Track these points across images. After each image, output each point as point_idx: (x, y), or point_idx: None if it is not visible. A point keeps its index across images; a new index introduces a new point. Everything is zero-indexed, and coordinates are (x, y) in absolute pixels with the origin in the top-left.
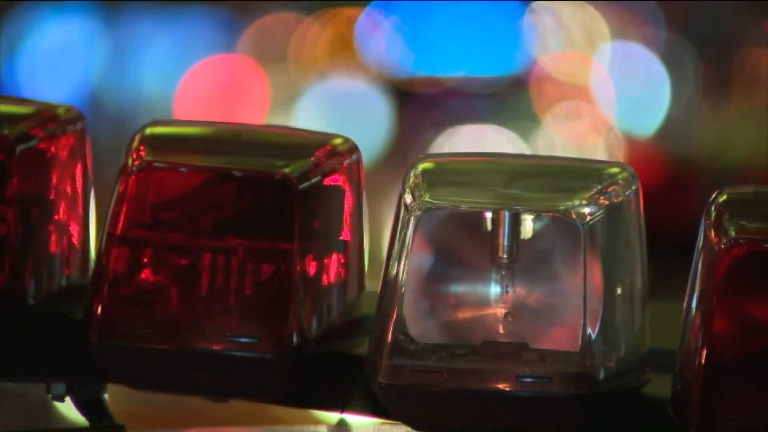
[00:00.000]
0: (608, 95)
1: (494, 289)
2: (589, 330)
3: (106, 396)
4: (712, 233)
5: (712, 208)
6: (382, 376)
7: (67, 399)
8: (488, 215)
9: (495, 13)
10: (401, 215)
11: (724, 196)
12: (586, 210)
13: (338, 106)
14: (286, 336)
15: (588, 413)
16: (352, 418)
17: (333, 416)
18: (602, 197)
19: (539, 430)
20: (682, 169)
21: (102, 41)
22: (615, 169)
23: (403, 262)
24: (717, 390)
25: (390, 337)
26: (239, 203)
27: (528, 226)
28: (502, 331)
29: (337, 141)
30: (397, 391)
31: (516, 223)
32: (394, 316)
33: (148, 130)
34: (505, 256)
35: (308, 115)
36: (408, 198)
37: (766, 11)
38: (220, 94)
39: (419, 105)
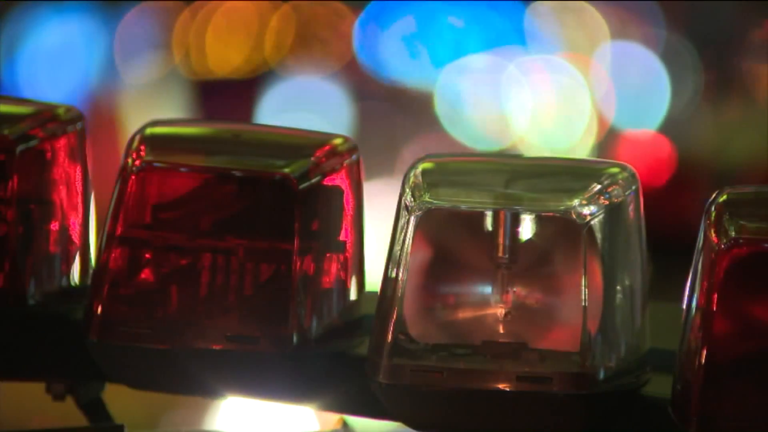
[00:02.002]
0: (608, 95)
1: (494, 289)
2: (589, 330)
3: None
4: (712, 233)
5: (712, 208)
6: (382, 376)
7: (68, 399)
8: (488, 215)
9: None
10: (401, 215)
11: (724, 196)
12: (586, 210)
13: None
14: (286, 336)
15: (588, 413)
16: (353, 419)
17: (333, 416)
18: (602, 197)
19: (539, 430)
20: (682, 169)
21: (102, 41)
22: (615, 169)
23: (403, 262)
24: (717, 390)
25: (390, 337)
26: (239, 203)
27: (528, 226)
28: (502, 331)
29: (337, 141)
30: (397, 391)
31: (516, 223)
32: (394, 316)
33: (148, 130)
34: (505, 256)
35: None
36: (408, 198)
37: (766, 11)
38: None
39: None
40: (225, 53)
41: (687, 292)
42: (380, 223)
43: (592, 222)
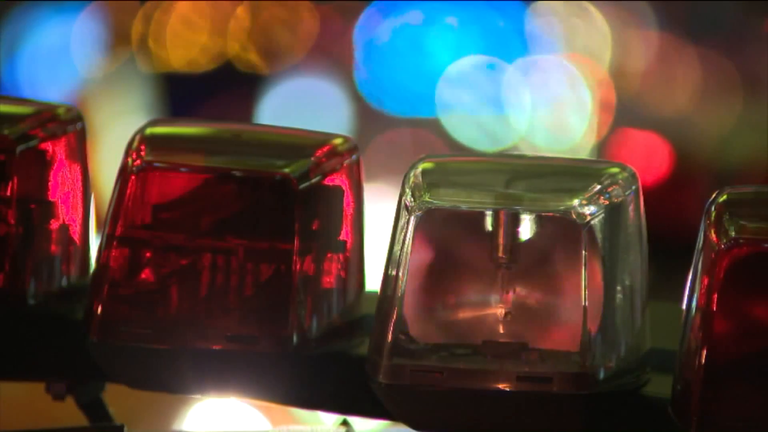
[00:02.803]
0: (608, 95)
1: (494, 289)
2: (589, 330)
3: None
4: (712, 233)
5: (712, 208)
6: (382, 376)
7: (68, 399)
8: (488, 215)
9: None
10: (401, 215)
11: (724, 196)
12: (586, 210)
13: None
14: (286, 336)
15: (588, 413)
16: (353, 419)
17: (333, 416)
18: (602, 197)
19: (539, 430)
20: (682, 169)
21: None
22: (615, 169)
23: (403, 262)
24: (717, 390)
25: (390, 337)
26: (239, 203)
27: (528, 226)
28: (502, 331)
29: (338, 141)
30: (397, 391)
31: (516, 223)
32: (394, 316)
33: (148, 130)
34: (505, 256)
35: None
36: (408, 198)
37: (767, 10)
38: None
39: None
40: (185, 47)
41: (687, 292)
42: (380, 223)
43: (592, 222)
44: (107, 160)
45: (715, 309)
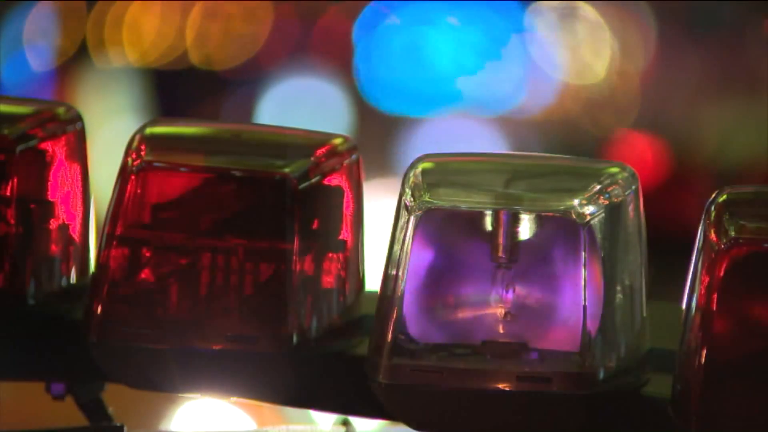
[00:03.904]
0: (608, 95)
1: (494, 289)
2: (589, 330)
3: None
4: (712, 233)
5: (712, 208)
6: (382, 376)
7: (68, 399)
8: (488, 215)
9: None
10: (401, 215)
11: (724, 196)
12: (586, 210)
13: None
14: (286, 336)
15: (588, 413)
16: (353, 418)
17: (333, 416)
18: (602, 197)
19: (539, 430)
20: (682, 169)
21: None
22: (615, 169)
23: (403, 262)
24: (717, 390)
25: (390, 337)
26: (239, 203)
27: (528, 226)
28: (502, 331)
29: (337, 141)
30: (397, 391)
31: (516, 223)
32: (394, 316)
33: (148, 130)
34: (504, 256)
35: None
36: (408, 198)
37: (767, 10)
38: None
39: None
40: (143, 42)
41: (687, 292)
42: (380, 223)
43: (592, 222)
44: None
45: (715, 309)
